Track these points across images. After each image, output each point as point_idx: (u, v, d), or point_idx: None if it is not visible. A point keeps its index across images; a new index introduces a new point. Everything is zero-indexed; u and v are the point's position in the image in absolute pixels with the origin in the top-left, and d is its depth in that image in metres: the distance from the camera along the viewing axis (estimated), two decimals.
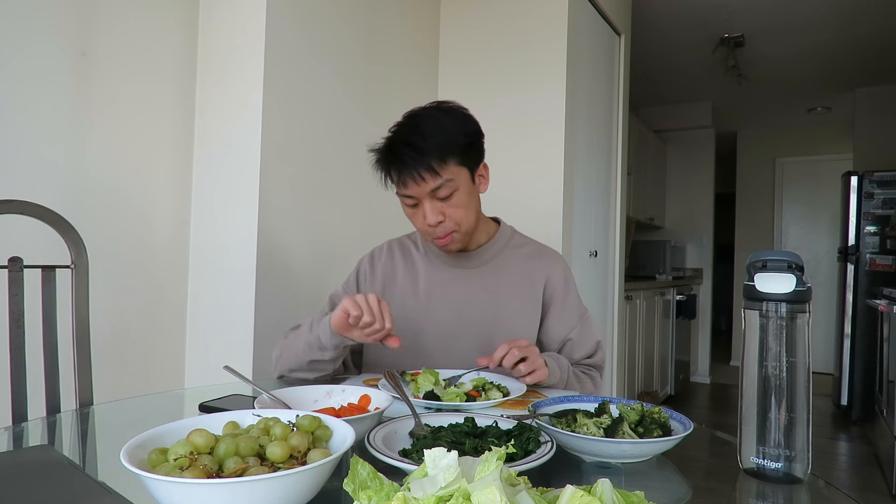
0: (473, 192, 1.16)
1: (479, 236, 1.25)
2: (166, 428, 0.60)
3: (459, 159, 1.10)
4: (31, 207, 1.04)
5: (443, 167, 1.07)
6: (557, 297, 1.25)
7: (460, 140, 1.10)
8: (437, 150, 1.06)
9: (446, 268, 1.25)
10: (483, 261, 1.25)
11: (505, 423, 0.74)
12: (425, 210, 1.10)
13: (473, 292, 1.23)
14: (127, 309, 1.64)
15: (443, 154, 1.07)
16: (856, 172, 4.24)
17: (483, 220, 1.25)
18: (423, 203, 1.10)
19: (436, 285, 1.24)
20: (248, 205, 1.70)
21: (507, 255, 1.26)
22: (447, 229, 1.12)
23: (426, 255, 1.28)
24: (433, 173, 1.06)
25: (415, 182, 1.07)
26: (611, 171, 3.04)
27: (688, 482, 0.71)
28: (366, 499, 0.45)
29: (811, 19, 3.55)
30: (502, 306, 1.22)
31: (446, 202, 1.10)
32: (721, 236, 6.17)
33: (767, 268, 0.67)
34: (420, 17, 2.53)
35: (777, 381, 0.65)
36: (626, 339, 3.44)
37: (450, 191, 1.09)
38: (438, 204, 1.10)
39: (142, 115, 1.66)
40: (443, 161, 1.07)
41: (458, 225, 1.13)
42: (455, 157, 1.09)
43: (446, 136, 1.08)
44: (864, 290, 4.07)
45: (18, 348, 1.01)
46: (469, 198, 1.13)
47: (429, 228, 1.12)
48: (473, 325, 1.22)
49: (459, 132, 1.11)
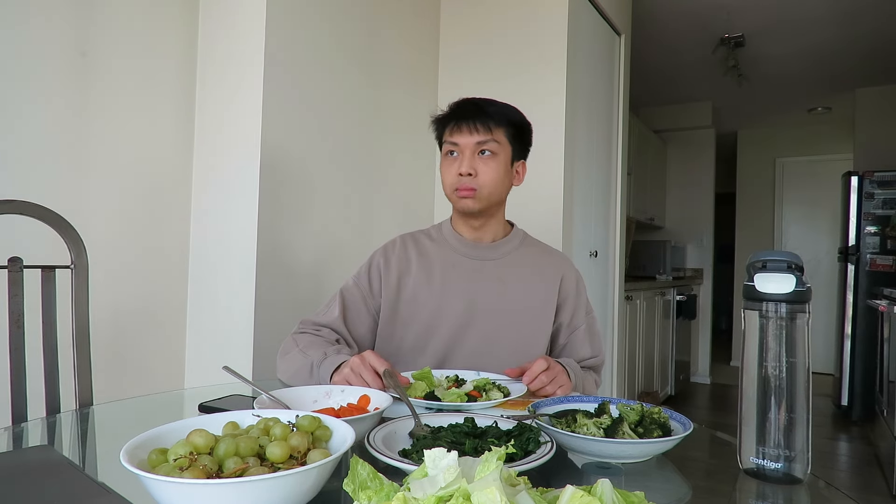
0: (508, 173, 1.24)
1: (497, 228, 1.30)
2: (166, 428, 0.60)
3: (509, 135, 1.23)
4: (31, 207, 1.04)
5: (496, 129, 1.20)
6: (571, 295, 1.31)
7: (516, 120, 1.25)
8: (497, 114, 1.21)
9: (461, 258, 1.29)
10: (499, 253, 1.29)
11: (505, 424, 0.74)
12: (464, 159, 1.19)
13: (487, 282, 1.27)
14: (127, 309, 1.64)
15: (500, 120, 1.21)
16: (856, 172, 4.23)
17: (503, 216, 1.32)
18: (465, 153, 1.20)
19: (450, 274, 1.27)
20: (248, 205, 1.70)
21: (521, 251, 1.32)
22: (473, 184, 1.20)
23: (441, 245, 1.31)
24: (486, 128, 1.19)
25: (468, 130, 1.19)
26: (611, 171, 3.04)
27: (688, 482, 0.71)
28: (366, 499, 0.46)
29: (811, 19, 3.55)
30: (515, 298, 1.26)
31: (484, 162, 1.20)
32: (721, 236, 6.17)
33: (767, 268, 0.67)
34: (420, 18, 2.53)
35: (777, 381, 0.65)
36: (626, 339, 3.44)
37: (492, 152, 1.20)
38: (477, 160, 1.20)
39: (142, 114, 1.66)
40: (498, 125, 1.21)
41: (482, 186, 1.20)
42: (508, 129, 1.22)
43: (507, 111, 1.24)
44: (865, 291, 4.07)
45: (18, 348, 1.01)
46: (503, 172, 1.22)
47: (458, 178, 1.20)
48: (484, 315, 1.25)
49: (517, 115, 1.26)
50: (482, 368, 1.19)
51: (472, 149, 1.20)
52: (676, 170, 5.55)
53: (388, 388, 0.94)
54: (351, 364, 1.01)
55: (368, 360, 1.00)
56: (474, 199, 1.21)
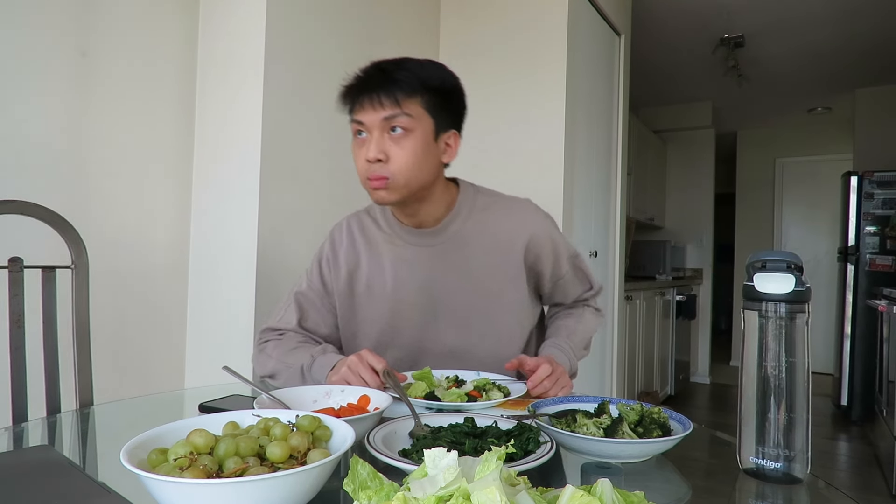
0: (431, 150, 1.03)
1: (435, 208, 1.11)
2: (166, 428, 0.60)
3: (427, 104, 1.00)
4: (31, 207, 1.04)
5: (405, 100, 0.98)
6: (544, 252, 1.15)
7: (435, 84, 1.02)
8: (407, 81, 0.98)
9: (409, 247, 1.14)
10: (448, 235, 1.12)
11: (505, 424, 0.74)
12: (371, 140, 0.99)
13: (442, 271, 1.13)
14: (127, 309, 1.64)
15: (412, 87, 0.98)
16: (856, 172, 4.23)
17: (441, 190, 1.11)
18: (372, 133, 0.99)
19: (402, 268, 1.14)
20: (248, 205, 1.70)
21: (472, 223, 1.13)
22: (384, 172, 0.99)
23: (386, 233, 1.16)
24: (393, 101, 0.97)
25: (371, 105, 0.98)
26: (611, 171, 3.04)
27: (688, 482, 0.71)
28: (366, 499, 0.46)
29: (811, 19, 3.55)
30: (478, 284, 1.13)
31: (396, 142, 0.99)
32: (721, 236, 6.17)
33: (767, 268, 0.67)
34: (420, 18, 2.53)
35: (776, 381, 0.65)
36: (626, 339, 3.44)
37: (404, 129, 0.99)
38: (387, 140, 0.99)
39: (142, 115, 1.66)
40: (408, 95, 0.98)
41: (396, 173, 0.99)
42: (423, 98, 1.00)
43: (422, 74, 1.00)
44: (864, 291, 4.07)
45: (18, 348, 1.01)
46: (423, 151, 1.01)
47: (366, 164, 1.00)
48: (448, 307, 1.14)
49: (437, 78, 1.03)
50: (462, 364, 1.13)
51: (379, 127, 0.99)
52: (676, 170, 5.55)
53: (387, 388, 0.94)
54: (348, 363, 0.98)
55: (366, 358, 0.97)
56: (388, 191, 1.01)
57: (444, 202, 1.12)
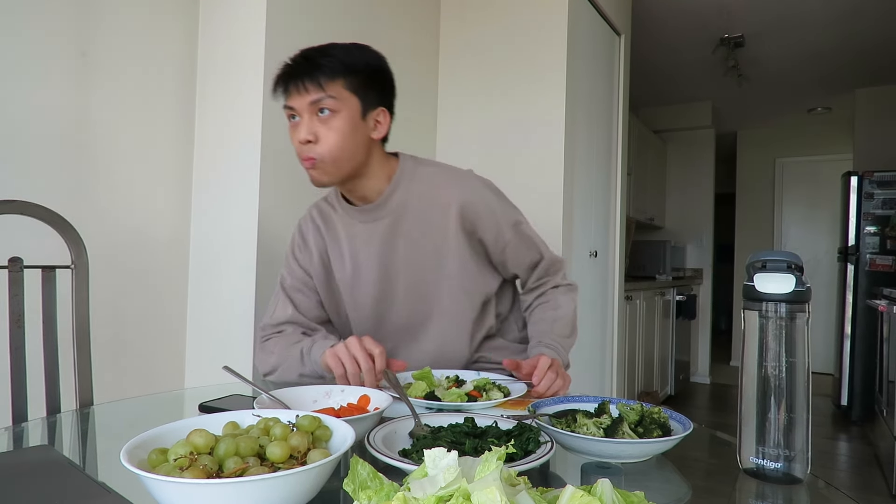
0: (360, 128, 1.10)
1: (374, 182, 1.16)
2: (166, 428, 0.60)
3: (351, 85, 1.07)
4: (31, 207, 1.04)
5: (328, 83, 1.05)
6: (481, 216, 1.18)
7: (358, 66, 1.08)
8: (330, 66, 1.05)
9: (359, 224, 1.19)
10: (391, 208, 1.17)
11: (505, 424, 0.74)
12: (302, 123, 1.07)
13: (391, 244, 1.18)
14: (127, 309, 1.64)
15: (334, 71, 1.05)
16: (856, 172, 4.24)
17: (379, 164, 1.17)
18: (303, 116, 1.07)
19: (357, 246, 1.20)
20: (248, 205, 1.70)
21: (411, 193, 1.18)
22: (313, 153, 1.07)
23: (341, 214, 1.22)
24: (316, 85, 1.04)
25: (297, 91, 1.06)
26: (611, 171, 3.04)
27: (688, 482, 0.71)
28: (366, 499, 0.46)
29: (811, 19, 3.55)
30: (421, 253, 1.18)
31: (324, 123, 1.06)
32: (721, 236, 6.18)
33: (767, 268, 0.67)
34: (420, 18, 2.53)
35: (776, 381, 0.65)
36: (626, 339, 3.44)
37: (330, 109, 1.05)
38: (316, 122, 1.06)
39: (142, 114, 1.66)
40: (331, 78, 1.05)
41: (324, 153, 1.06)
42: (347, 80, 1.06)
43: (345, 59, 1.07)
44: (864, 291, 4.07)
45: (18, 348, 1.01)
46: (351, 130, 1.08)
47: (299, 146, 1.08)
48: (401, 280, 1.19)
49: (360, 60, 1.10)
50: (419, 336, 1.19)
51: (308, 110, 1.06)
52: (676, 170, 5.55)
53: (385, 388, 0.94)
54: (347, 342, 1.00)
55: (365, 341, 0.99)
56: (319, 171, 1.08)
57: (383, 176, 1.17)
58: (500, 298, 1.29)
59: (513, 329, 1.32)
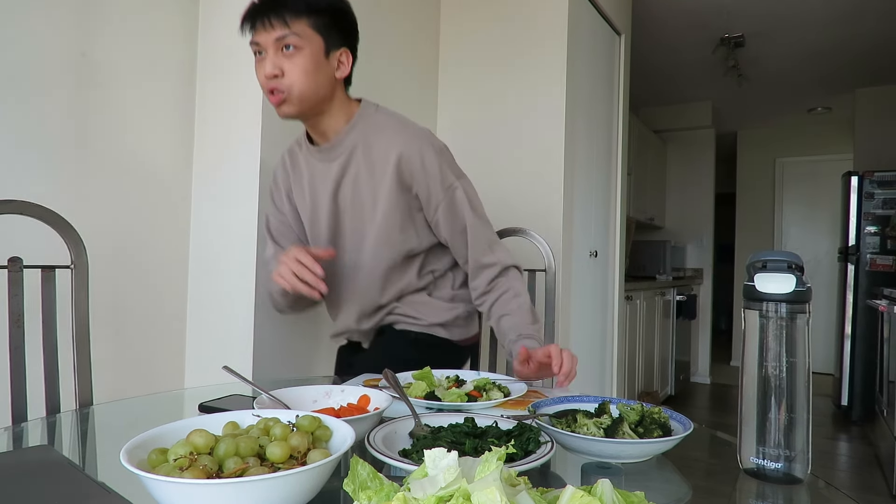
0: (323, 66, 1.16)
1: (335, 121, 1.22)
2: (166, 428, 0.60)
3: (314, 23, 1.13)
4: (31, 207, 1.04)
5: (293, 20, 1.10)
6: (416, 172, 1.20)
7: (322, 6, 1.14)
8: (294, 4, 1.11)
9: (318, 163, 1.26)
10: (345, 148, 1.23)
11: (505, 424, 0.74)
12: (268, 58, 1.12)
13: (341, 185, 1.24)
14: (127, 309, 1.64)
15: (298, 9, 1.11)
16: (856, 172, 4.24)
17: (340, 105, 1.23)
18: (268, 51, 1.12)
19: (316, 184, 1.27)
20: (248, 205, 1.70)
21: (364, 137, 1.22)
22: (281, 86, 1.12)
23: (305, 153, 1.29)
24: (281, 21, 1.10)
25: (263, 27, 1.11)
26: (611, 171, 3.04)
27: (688, 482, 0.71)
28: (366, 499, 0.45)
29: (811, 19, 3.55)
30: (362, 195, 1.23)
31: (289, 58, 1.12)
32: (721, 236, 6.17)
33: (767, 268, 0.67)
34: (420, 18, 2.53)
35: (777, 381, 0.65)
36: (627, 339, 3.44)
37: (295, 46, 1.11)
38: (281, 57, 1.12)
39: (142, 114, 1.66)
40: (295, 15, 1.11)
41: (291, 86, 1.12)
42: (310, 18, 1.12)
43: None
44: (865, 291, 4.07)
45: (18, 348, 1.01)
46: (315, 67, 1.14)
47: (265, 80, 1.13)
48: (346, 219, 1.26)
49: (324, 1, 1.15)
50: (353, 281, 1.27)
51: (273, 46, 1.12)
52: (676, 170, 5.55)
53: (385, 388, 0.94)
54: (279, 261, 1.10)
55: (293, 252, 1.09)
56: (287, 104, 1.14)
57: (343, 116, 1.23)
58: (433, 257, 1.31)
59: (445, 287, 1.34)
